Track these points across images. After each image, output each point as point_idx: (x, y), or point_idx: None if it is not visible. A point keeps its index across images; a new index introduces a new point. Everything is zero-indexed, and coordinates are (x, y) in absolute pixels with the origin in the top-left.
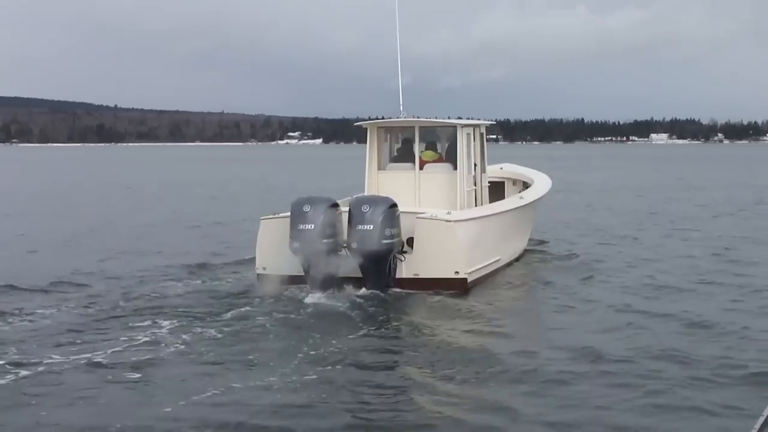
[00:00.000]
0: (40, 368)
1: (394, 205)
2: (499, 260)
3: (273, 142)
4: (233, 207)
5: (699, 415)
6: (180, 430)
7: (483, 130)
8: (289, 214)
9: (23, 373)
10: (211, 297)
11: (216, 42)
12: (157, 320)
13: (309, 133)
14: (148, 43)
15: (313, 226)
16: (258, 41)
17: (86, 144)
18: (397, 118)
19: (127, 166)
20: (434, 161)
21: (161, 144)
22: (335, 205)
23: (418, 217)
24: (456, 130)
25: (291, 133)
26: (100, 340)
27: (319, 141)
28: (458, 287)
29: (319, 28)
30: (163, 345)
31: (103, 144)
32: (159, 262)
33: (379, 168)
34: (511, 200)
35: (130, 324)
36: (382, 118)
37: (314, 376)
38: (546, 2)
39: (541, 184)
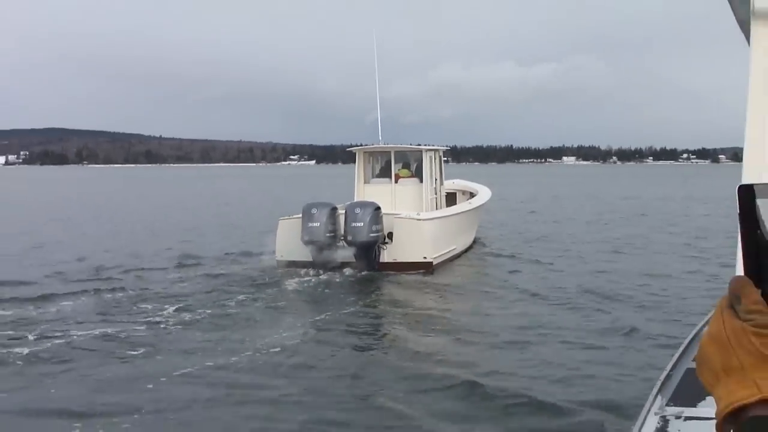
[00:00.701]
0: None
1: (378, 208)
2: (454, 249)
3: (278, 163)
4: (248, 213)
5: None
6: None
7: (441, 153)
8: (300, 215)
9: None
10: (243, 276)
11: (235, 86)
12: (205, 293)
13: (305, 156)
14: (185, 87)
15: (319, 224)
16: (267, 84)
17: (137, 165)
18: (377, 145)
19: (172, 185)
20: (407, 177)
21: (194, 165)
22: (335, 209)
23: (395, 217)
24: (422, 153)
25: (292, 156)
26: (156, 304)
27: (312, 162)
28: (426, 268)
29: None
30: (208, 307)
31: (150, 165)
32: (203, 253)
33: (365, 182)
34: (462, 205)
35: (185, 294)
36: (362, 145)
37: (315, 333)
38: (485, 57)
39: (484, 194)
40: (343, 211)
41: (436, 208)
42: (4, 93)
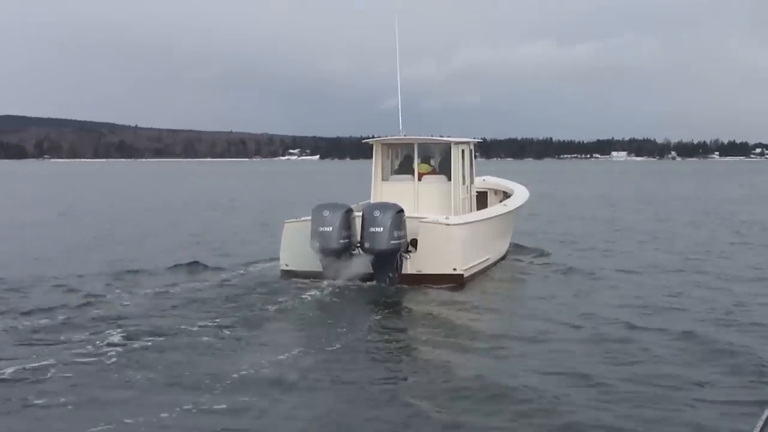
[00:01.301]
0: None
1: (401, 211)
2: (488, 259)
3: (275, 158)
4: (241, 216)
5: (696, 417)
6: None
7: (472, 146)
8: (309, 218)
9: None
10: (240, 289)
11: (225, 68)
12: (192, 311)
13: (307, 150)
14: (165, 69)
15: (331, 228)
16: (263, 67)
17: (109, 159)
18: (397, 136)
19: (151, 182)
20: (429, 173)
21: (175, 159)
22: (350, 211)
23: (421, 221)
24: (450, 146)
25: (291, 150)
26: (148, 324)
27: (316, 157)
28: (455, 282)
29: (318, 55)
30: (196, 329)
31: (123, 159)
32: (193, 259)
33: (383, 179)
34: (497, 207)
35: (171, 312)
36: (378, 137)
37: (323, 358)
38: (519, 35)
39: (521, 194)
40: (360, 214)
41: (468, 211)
42: None
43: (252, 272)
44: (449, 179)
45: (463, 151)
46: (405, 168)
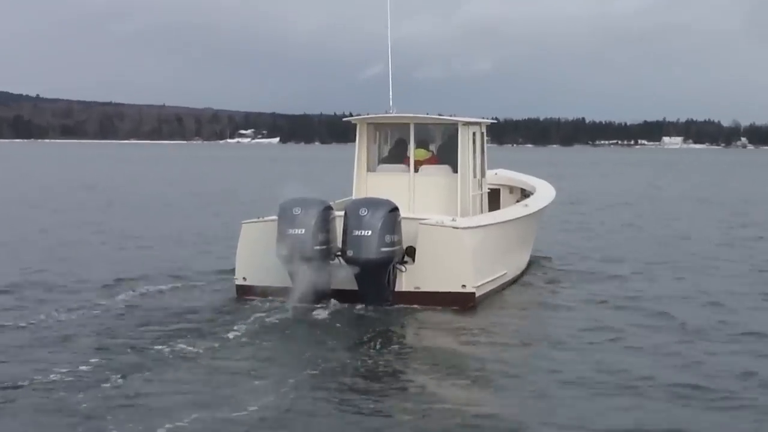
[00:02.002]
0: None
1: (395, 209)
2: (505, 274)
3: (222, 141)
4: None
5: None
6: None
7: (484, 129)
8: (275, 217)
9: None
10: (184, 312)
11: (157, 22)
12: (122, 339)
13: (264, 131)
14: (77, 22)
15: (303, 230)
16: (207, 23)
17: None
18: (388, 114)
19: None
20: (427, 161)
21: (90, 141)
22: (329, 208)
23: (421, 224)
24: (457, 128)
25: (243, 131)
26: (64, 359)
27: (275, 140)
28: (465, 303)
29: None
30: (126, 366)
31: (21, 140)
32: (119, 274)
33: (369, 169)
34: (516, 208)
35: (99, 342)
36: (362, 115)
37: (297, 407)
38: None
39: (544, 192)
40: (342, 213)
41: (480, 212)
42: None
43: (196, 290)
44: (455, 170)
45: (474, 134)
46: (397, 155)
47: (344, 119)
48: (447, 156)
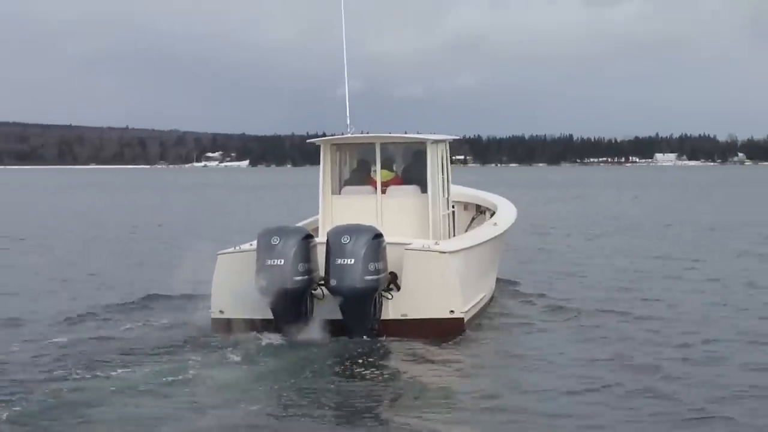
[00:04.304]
0: None
1: (379, 235)
2: (484, 296)
3: (188, 165)
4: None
5: None
6: None
7: (447, 146)
8: (252, 247)
9: None
10: (154, 346)
11: (120, 38)
12: (85, 375)
13: (232, 154)
14: (34, 39)
15: (283, 261)
16: (171, 39)
17: None
18: (354, 134)
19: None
20: (391, 182)
21: (46, 167)
22: (309, 236)
23: (406, 249)
24: (426, 146)
25: (210, 154)
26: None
27: (245, 163)
28: (454, 329)
29: (247, 20)
30: (92, 405)
31: None
32: (83, 302)
33: (333, 191)
34: (488, 228)
35: (55, 373)
36: (328, 135)
37: None
38: None
39: (506, 209)
40: (324, 240)
41: (449, 235)
42: None
43: (169, 323)
44: (424, 190)
45: (443, 152)
46: (359, 177)
47: (308, 141)
48: (413, 175)
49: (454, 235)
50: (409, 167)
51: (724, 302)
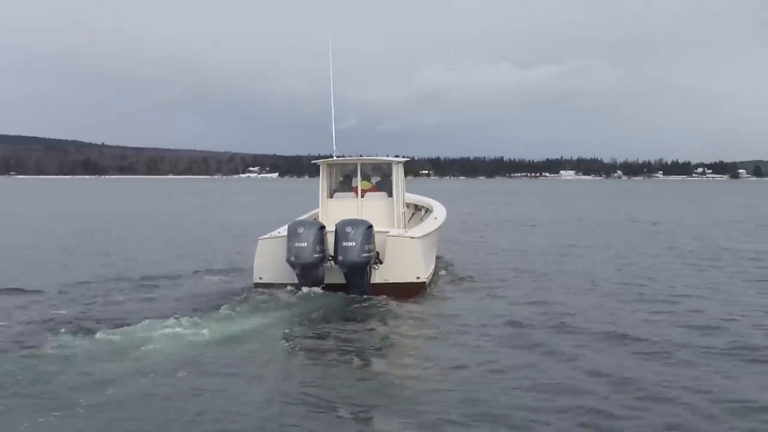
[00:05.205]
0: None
1: (370, 227)
2: (433, 268)
3: (236, 176)
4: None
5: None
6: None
7: (403, 166)
8: (282, 234)
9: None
10: (215, 295)
11: (190, 89)
12: (161, 320)
13: (267, 168)
14: (130, 89)
15: (306, 243)
16: (225, 87)
17: (74, 176)
18: (343, 157)
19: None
20: (369, 190)
21: (139, 177)
22: (322, 227)
23: (388, 236)
24: (392, 166)
25: (251, 168)
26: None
27: (275, 175)
28: (419, 289)
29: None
30: (167, 341)
31: (88, 176)
32: (164, 271)
33: (328, 196)
34: (432, 221)
35: (141, 319)
36: (331, 156)
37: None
38: (477, 57)
39: (439, 209)
40: (333, 230)
41: (404, 225)
42: None
43: (223, 282)
44: (390, 195)
45: (402, 169)
46: (346, 186)
47: (311, 162)
48: (383, 185)
49: (406, 226)
50: (382, 180)
51: (604, 264)
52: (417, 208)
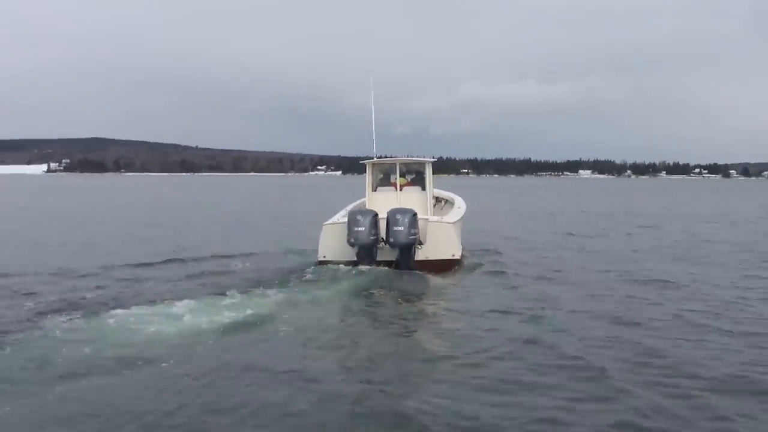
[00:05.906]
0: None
1: (415, 214)
2: (462, 248)
3: (306, 173)
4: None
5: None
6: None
7: (431, 165)
8: (343, 220)
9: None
10: (286, 270)
11: (270, 100)
12: (239, 290)
13: (332, 167)
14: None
15: (363, 228)
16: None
17: (173, 173)
18: (385, 158)
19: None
20: (406, 185)
21: (225, 174)
22: (376, 215)
23: (429, 221)
24: (424, 165)
25: (319, 167)
26: (197, 301)
27: (339, 173)
28: (455, 264)
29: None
30: (248, 307)
31: (184, 174)
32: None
33: (373, 190)
34: (458, 210)
35: (216, 290)
36: (382, 157)
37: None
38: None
39: (460, 201)
40: (384, 217)
41: (432, 213)
42: (52, 102)
43: (291, 260)
44: (423, 189)
45: (431, 168)
46: (387, 181)
47: (360, 162)
48: (418, 181)
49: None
50: (416, 177)
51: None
52: (438, 199)
